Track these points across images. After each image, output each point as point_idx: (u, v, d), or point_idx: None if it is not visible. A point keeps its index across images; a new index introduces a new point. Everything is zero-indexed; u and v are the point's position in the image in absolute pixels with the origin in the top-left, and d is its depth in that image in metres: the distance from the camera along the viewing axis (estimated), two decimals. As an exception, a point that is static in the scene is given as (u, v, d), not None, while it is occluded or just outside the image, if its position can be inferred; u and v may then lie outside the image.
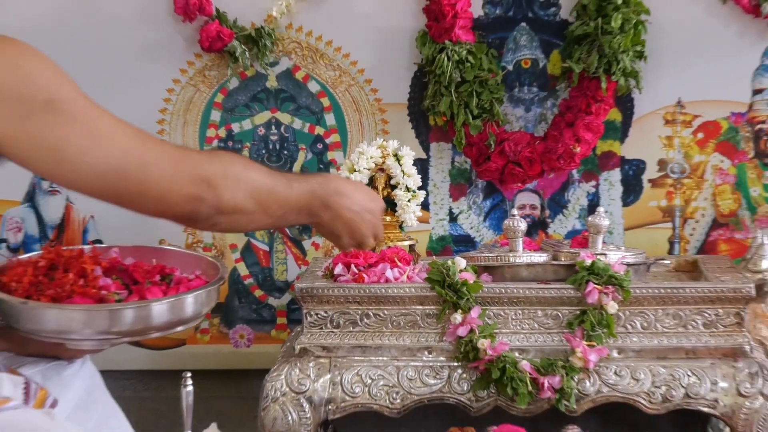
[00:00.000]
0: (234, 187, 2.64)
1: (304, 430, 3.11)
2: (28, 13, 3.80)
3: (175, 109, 3.86)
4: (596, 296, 3.08)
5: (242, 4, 3.82)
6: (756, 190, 3.84)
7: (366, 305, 3.14)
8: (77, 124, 2.56)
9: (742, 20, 3.79)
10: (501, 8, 3.83)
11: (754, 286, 3.11)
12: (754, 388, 3.07)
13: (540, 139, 3.80)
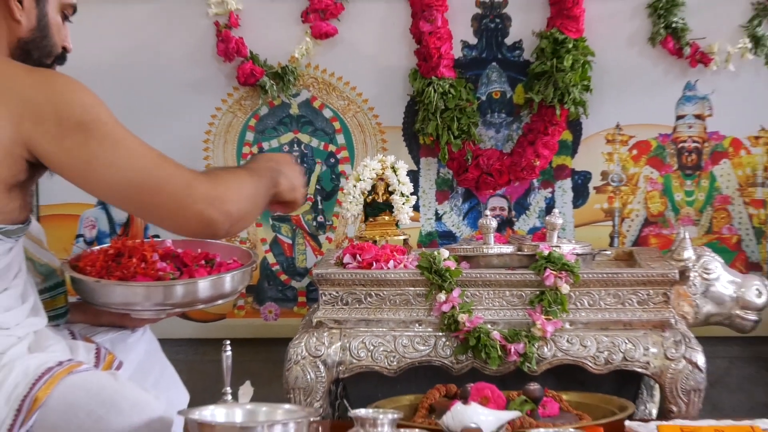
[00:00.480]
0: (237, 198, 2.58)
1: (320, 386, 3.13)
2: (101, 55, 3.80)
3: (218, 131, 3.86)
4: (552, 280, 3.09)
5: (271, 48, 3.82)
6: (679, 195, 3.85)
7: (369, 287, 3.15)
8: (104, 143, 2.49)
9: (667, 60, 3.80)
10: (476, 51, 3.84)
11: (677, 272, 3.13)
12: (678, 353, 3.08)
13: (507, 155, 3.81)
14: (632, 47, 3.82)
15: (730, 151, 3.85)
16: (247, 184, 2.62)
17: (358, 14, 3.83)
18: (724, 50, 3.78)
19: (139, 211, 2.67)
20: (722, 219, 3.85)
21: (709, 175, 3.85)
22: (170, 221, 2.57)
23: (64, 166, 2.50)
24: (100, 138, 2.48)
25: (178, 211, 2.52)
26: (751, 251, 3.85)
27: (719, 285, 3.32)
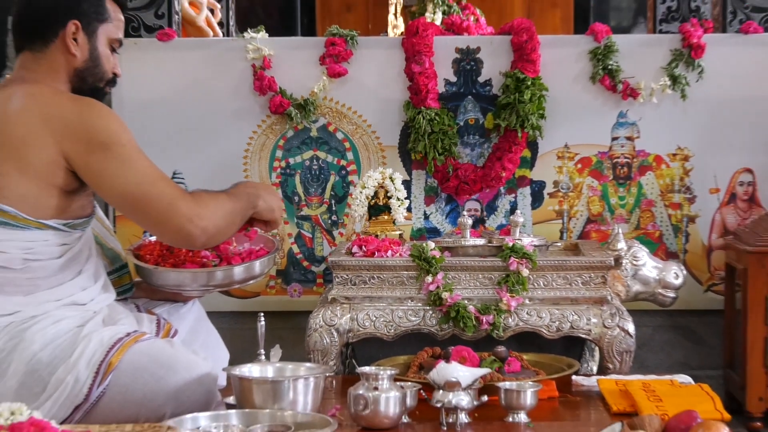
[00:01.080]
0: (213, 216, 2.57)
1: (333, 349, 3.11)
2: (166, 89, 3.80)
3: (254, 149, 3.84)
4: (515, 265, 3.08)
5: (295, 84, 3.80)
6: (614, 200, 3.83)
7: (372, 271, 3.13)
8: (116, 161, 2.50)
9: (604, 94, 3.80)
10: (455, 87, 3.82)
11: (613, 259, 3.14)
12: (613, 323, 3.07)
13: (480, 168, 3.79)
14: (577, 84, 3.80)
15: (653, 165, 3.84)
16: (224, 205, 2.62)
17: (364, 58, 3.82)
18: (649, 87, 3.78)
19: (134, 217, 2.64)
20: (647, 218, 3.84)
21: (637, 184, 3.84)
22: (155, 229, 2.62)
23: (85, 176, 2.50)
24: (114, 156, 2.49)
25: (162, 222, 2.54)
26: (670, 243, 3.84)
27: (645, 269, 3.31)
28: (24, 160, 2.46)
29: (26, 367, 2.43)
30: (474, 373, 2.54)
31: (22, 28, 2.62)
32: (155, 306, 2.88)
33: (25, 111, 2.49)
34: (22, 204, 2.47)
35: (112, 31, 2.64)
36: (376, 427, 2.44)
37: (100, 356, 2.44)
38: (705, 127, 3.81)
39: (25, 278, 2.50)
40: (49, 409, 2.39)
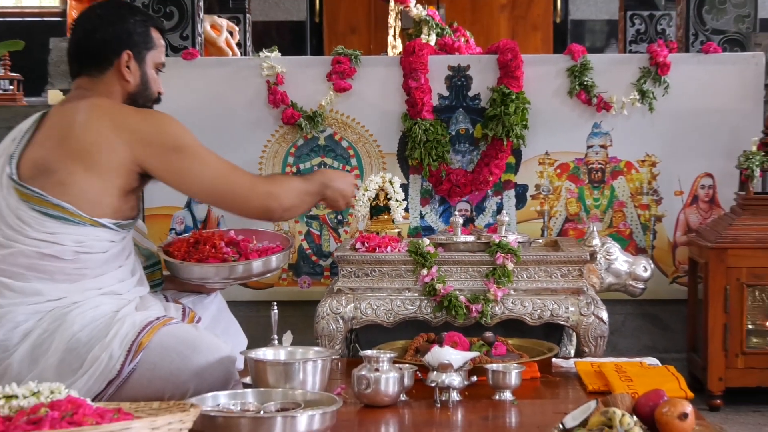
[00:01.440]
0: (287, 194, 2.69)
1: (339, 334, 3.11)
2: (191, 101, 3.80)
3: (268, 156, 3.84)
4: (501, 260, 3.08)
5: (305, 98, 3.79)
6: (589, 201, 3.82)
7: (373, 265, 3.13)
8: (194, 159, 2.59)
9: (581, 107, 3.79)
10: (448, 100, 3.81)
11: (588, 254, 3.14)
12: (588, 311, 3.08)
13: (470, 173, 3.77)
14: (556, 98, 3.80)
15: (624, 171, 3.83)
16: (296, 185, 2.76)
17: (366, 75, 3.81)
18: (620, 100, 3.77)
19: (218, 204, 2.78)
20: (619, 217, 3.83)
21: (610, 187, 3.83)
22: (240, 211, 2.72)
23: (165, 176, 2.57)
24: (190, 156, 2.57)
25: (245, 204, 2.66)
26: (640, 240, 3.83)
27: (617, 263, 3.32)
28: (93, 162, 2.50)
29: (66, 345, 2.44)
30: (464, 356, 2.54)
31: (80, 57, 2.67)
32: (182, 296, 2.89)
33: (95, 120, 2.53)
34: (82, 201, 2.50)
35: (157, 56, 2.70)
36: (377, 404, 2.44)
37: (132, 336, 2.45)
38: (670, 136, 3.81)
39: (74, 268, 2.51)
40: (85, 382, 2.40)
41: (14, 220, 2.47)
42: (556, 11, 7.07)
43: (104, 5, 2.74)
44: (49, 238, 2.47)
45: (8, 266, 2.47)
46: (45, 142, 2.53)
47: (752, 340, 3.56)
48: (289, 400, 2.24)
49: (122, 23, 2.62)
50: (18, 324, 2.46)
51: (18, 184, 2.49)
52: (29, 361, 2.45)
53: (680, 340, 3.85)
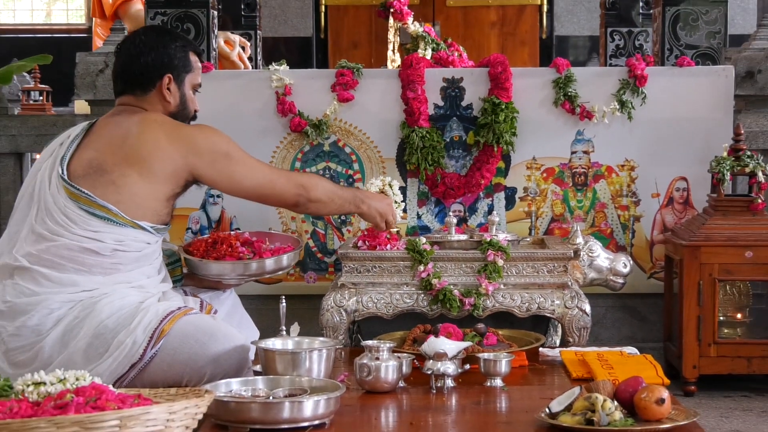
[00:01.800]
0: (316, 188, 2.78)
1: (342, 326, 3.11)
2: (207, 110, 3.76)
3: (276, 161, 3.81)
4: (492, 257, 3.07)
5: (311, 108, 3.78)
6: (573, 203, 3.80)
7: (374, 261, 3.13)
8: (239, 164, 2.68)
9: (565, 116, 3.77)
10: (443, 110, 3.79)
11: (572, 252, 3.14)
12: (573, 304, 3.08)
13: (463, 176, 3.76)
14: (543, 107, 3.78)
15: (605, 175, 3.81)
16: (328, 185, 2.93)
17: (368, 86, 3.79)
18: (602, 110, 3.76)
19: (261, 200, 2.86)
20: (601, 218, 3.82)
21: (592, 190, 3.81)
22: (280, 203, 2.90)
23: (216, 180, 2.69)
24: (236, 161, 2.68)
25: (282, 196, 2.77)
26: (620, 238, 3.82)
27: (599, 260, 3.30)
28: (147, 168, 2.57)
29: (94, 331, 2.47)
30: (458, 346, 2.53)
31: (125, 78, 2.73)
32: (200, 292, 2.90)
33: (150, 131, 2.60)
34: (128, 203, 2.55)
35: (194, 78, 2.79)
36: (377, 390, 2.43)
37: (154, 324, 2.47)
38: (647, 142, 3.79)
39: (110, 263, 2.55)
40: (109, 365, 2.41)
41: (61, 216, 2.52)
42: (542, 28, 7.07)
43: (148, 31, 2.85)
44: (92, 235, 2.51)
45: (50, 256, 2.51)
46: (98, 146, 2.60)
47: (723, 331, 3.55)
48: (297, 387, 2.24)
49: (164, 48, 2.69)
50: (52, 311, 2.49)
51: (68, 184, 2.54)
52: (60, 345, 2.47)
53: (657, 330, 3.84)
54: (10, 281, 2.51)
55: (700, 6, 3.97)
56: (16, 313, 2.49)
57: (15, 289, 2.49)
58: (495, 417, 2.31)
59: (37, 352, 2.46)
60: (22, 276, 2.50)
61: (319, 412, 2.10)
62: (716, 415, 3.33)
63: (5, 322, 2.50)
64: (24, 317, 2.48)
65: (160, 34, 2.77)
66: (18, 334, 2.48)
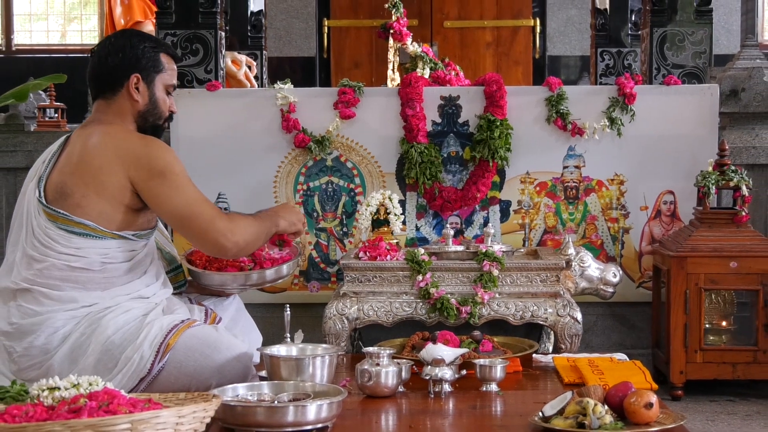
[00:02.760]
0: (243, 233, 2.56)
1: (344, 333, 3.10)
2: (214, 128, 3.80)
3: (281, 176, 3.82)
4: (488, 267, 3.07)
5: (314, 124, 3.79)
6: (565, 215, 3.81)
7: (375, 271, 3.13)
8: (171, 186, 2.49)
9: (557, 132, 3.78)
10: (440, 126, 3.80)
11: (564, 262, 3.14)
12: (565, 312, 3.07)
13: (460, 190, 3.76)
14: (536, 124, 3.79)
15: (596, 188, 3.82)
16: (252, 226, 2.60)
17: (368, 104, 3.80)
18: (592, 126, 3.77)
19: (181, 231, 2.63)
20: (591, 229, 3.82)
21: (583, 203, 3.82)
22: (197, 242, 2.60)
23: (145, 197, 2.50)
24: (169, 182, 2.48)
25: (202, 236, 2.53)
26: (609, 249, 3.82)
27: (590, 270, 3.30)
28: (100, 184, 2.47)
29: (102, 347, 2.43)
30: (455, 352, 2.53)
31: (95, 81, 2.64)
32: (204, 299, 2.87)
33: (101, 145, 2.51)
34: (99, 219, 2.47)
35: (166, 79, 2.65)
36: (377, 395, 2.43)
37: (160, 338, 2.44)
38: (636, 158, 3.80)
39: (102, 277, 2.50)
40: (119, 380, 2.38)
41: (44, 238, 2.46)
42: (535, 48, 7.08)
43: (117, 35, 2.73)
44: (76, 253, 2.46)
45: (44, 279, 2.46)
46: (64, 167, 2.51)
47: (709, 338, 3.55)
48: (300, 392, 2.24)
49: (131, 49, 2.59)
50: (57, 329, 2.45)
51: (45, 206, 2.47)
52: (69, 362, 2.44)
53: (645, 338, 3.84)
54: (13, 303, 2.47)
55: (686, 27, 3.98)
56: (23, 334, 2.45)
57: (19, 311, 2.46)
58: (490, 420, 2.30)
59: (47, 369, 2.43)
60: (24, 297, 2.46)
61: (322, 416, 2.09)
62: (702, 418, 3.33)
63: (13, 342, 2.46)
64: (31, 337, 2.45)
65: (129, 36, 2.64)
66: (27, 354, 2.45)
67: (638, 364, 2.73)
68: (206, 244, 2.56)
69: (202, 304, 2.80)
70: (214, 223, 2.51)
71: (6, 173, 4.01)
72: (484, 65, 7.01)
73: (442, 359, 2.46)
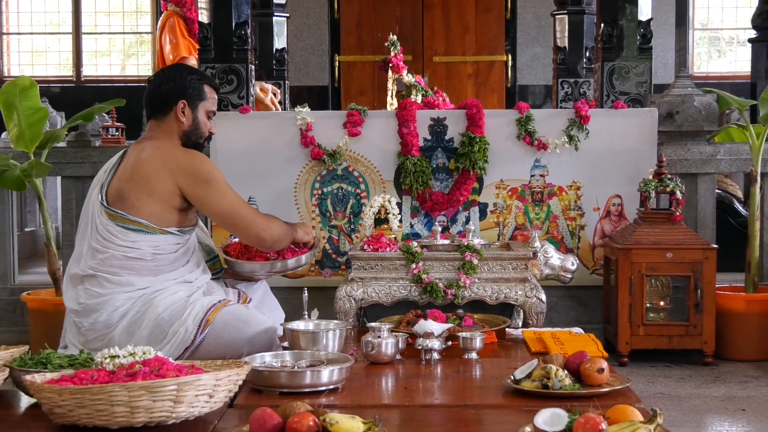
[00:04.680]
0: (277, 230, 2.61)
1: (352, 311, 3.09)
2: (243, 143, 3.79)
3: (300, 183, 3.82)
4: (469, 257, 3.06)
5: (327, 141, 3.77)
6: (532, 215, 3.81)
7: (377, 261, 3.11)
8: (215, 191, 2.50)
9: (525, 147, 3.76)
10: (430, 142, 3.79)
11: (531, 253, 3.10)
12: (532, 294, 3.06)
13: (446, 194, 3.76)
14: (508, 140, 3.78)
15: (557, 193, 3.81)
16: (282, 226, 2.65)
17: (372, 124, 3.79)
18: (554, 142, 3.76)
19: (227, 228, 2.69)
20: (554, 227, 3.82)
21: (547, 205, 3.81)
22: (240, 235, 2.63)
23: (193, 200, 2.51)
24: (213, 188, 2.50)
25: (246, 230, 2.57)
26: (568, 243, 3.82)
27: (552, 259, 3.27)
28: (151, 189, 2.48)
29: (154, 323, 2.43)
30: (442, 327, 2.51)
31: (150, 105, 2.64)
32: (237, 283, 2.86)
33: (152, 157, 2.51)
34: (150, 217, 2.47)
35: (208, 106, 2.65)
36: (379, 362, 2.41)
37: (201, 315, 2.44)
38: (590, 168, 3.79)
39: (153, 265, 2.50)
40: (168, 350, 2.38)
41: (106, 234, 2.47)
42: (508, 79, 7.10)
43: (170, 67, 2.77)
44: (132, 245, 2.46)
45: (106, 267, 2.47)
46: (121, 176, 2.52)
47: (650, 315, 3.54)
48: (316, 359, 2.22)
49: (181, 80, 2.59)
50: (117, 308, 2.46)
51: (106, 208, 2.48)
52: (127, 334, 2.44)
53: (598, 315, 3.83)
54: (81, 287, 2.48)
55: (631, 62, 3.98)
56: (89, 312, 2.46)
57: (86, 293, 2.47)
58: (471, 383, 2.29)
59: (109, 341, 2.42)
60: (90, 282, 2.47)
61: (333, 378, 2.08)
62: (644, 381, 3.33)
63: (81, 319, 2.48)
64: (96, 314, 2.46)
65: (179, 69, 2.66)
66: (92, 328, 2.46)
67: (592, 336, 2.72)
68: (249, 237, 2.60)
69: (235, 287, 2.79)
70: (255, 220, 2.56)
71: (76, 180, 4.01)
72: (466, 92, 7.01)
73: (432, 332, 2.45)
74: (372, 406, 2.02)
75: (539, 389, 2.03)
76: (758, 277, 3.71)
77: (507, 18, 7.16)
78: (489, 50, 7.16)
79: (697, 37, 7.62)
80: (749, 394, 3.17)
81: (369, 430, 1.69)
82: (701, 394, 3.17)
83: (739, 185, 5.17)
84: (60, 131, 3.84)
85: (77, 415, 1.75)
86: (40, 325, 3.66)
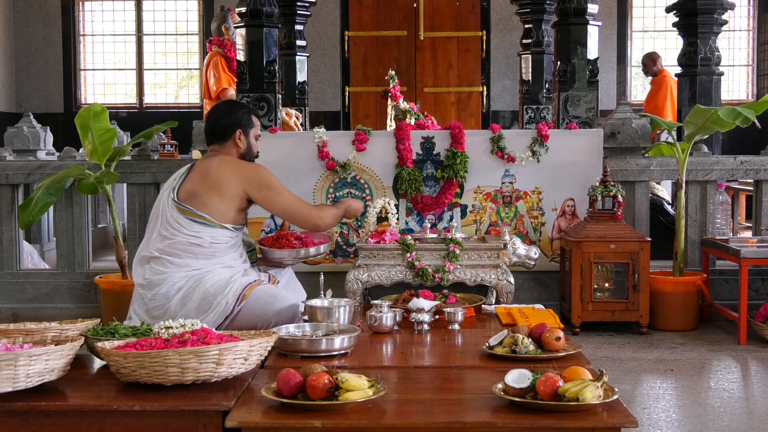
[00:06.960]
0: (328, 217, 2.67)
1: (359, 291, 3.08)
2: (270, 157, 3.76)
3: (318, 188, 3.80)
4: (453, 248, 3.04)
5: (339, 155, 3.75)
6: (503, 214, 3.78)
7: (379, 250, 3.09)
8: (276, 192, 2.57)
9: (498, 160, 3.70)
10: (421, 156, 3.77)
11: (502, 244, 3.08)
12: (503, 277, 3.05)
13: (434, 198, 3.74)
14: (484, 155, 3.75)
15: (523, 197, 3.79)
16: (332, 212, 2.72)
17: (375, 141, 3.76)
18: (521, 156, 3.74)
19: (289, 220, 2.72)
20: (520, 224, 3.80)
21: (515, 206, 3.79)
22: (301, 225, 2.68)
23: (260, 201, 2.58)
24: (274, 191, 2.58)
25: (305, 221, 2.65)
26: (532, 236, 3.79)
27: (519, 250, 3.24)
28: (221, 191, 2.54)
29: (202, 296, 2.46)
30: (431, 304, 2.50)
31: (212, 134, 2.70)
32: (268, 269, 2.86)
33: (222, 166, 2.58)
34: (215, 214, 2.53)
35: (256, 132, 2.73)
36: (380, 332, 2.40)
37: (239, 291, 2.46)
38: (549, 176, 3.77)
39: (209, 251, 2.53)
40: (212, 317, 2.41)
41: (174, 224, 2.52)
42: (483, 105, 7.08)
43: (225, 103, 2.83)
44: (195, 234, 2.51)
45: (171, 249, 2.51)
46: (193, 179, 2.58)
47: (597, 294, 3.53)
48: (330, 329, 2.22)
49: (235, 113, 2.68)
50: (174, 283, 2.49)
51: (177, 203, 2.52)
52: (180, 305, 2.47)
53: (555, 294, 3.82)
54: (147, 266, 2.53)
55: (581, 92, 3.97)
56: (152, 286, 2.50)
57: (151, 271, 2.52)
58: (455, 348, 2.28)
59: (166, 310, 2.47)
60: (155, 261, 2.52)
61: (344, 345, 2.08)
62: (592, 347, 3.32)
63: (146, 291, 2.52)
64: (157, 288, 2.50)
65: (233, 105, 2.74)
66: (154, 299, 2.50)
67: (551, 311, 2.70)
68: (308, 225, 2.70)
69: (267, 272, 2.80)
70: (311, 212, 2.67)
71: (138, 187, 4.00)
72: (450, 116, 6.99)
73: (423, 308, 2.44)
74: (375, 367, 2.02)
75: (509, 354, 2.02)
76: (683, 263, 3.70)
77: (483, 57, 7.15)
78: (468, 83, 7.15)
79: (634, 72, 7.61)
80: (676, 357, 3.17)
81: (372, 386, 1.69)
82: (638, 357, 3.17)
83: (668, 191, 5.16)
84: (126, 147, 3.84)
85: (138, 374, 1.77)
86: (109, 303, 3.67)
